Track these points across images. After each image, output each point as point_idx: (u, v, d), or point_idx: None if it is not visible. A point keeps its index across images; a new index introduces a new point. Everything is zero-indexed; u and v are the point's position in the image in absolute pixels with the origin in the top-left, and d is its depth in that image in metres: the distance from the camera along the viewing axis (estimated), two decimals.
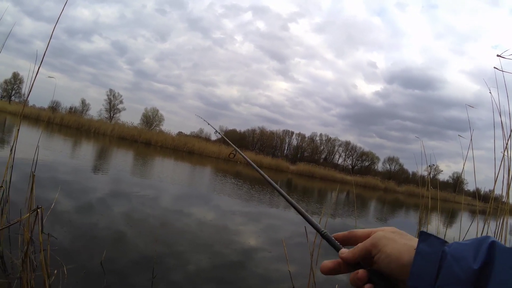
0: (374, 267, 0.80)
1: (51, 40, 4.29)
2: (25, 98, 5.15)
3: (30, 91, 4.55)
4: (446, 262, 0.69)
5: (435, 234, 0.74)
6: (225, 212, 11.11)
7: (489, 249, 0.67)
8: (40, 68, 4.36)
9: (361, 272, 0.80)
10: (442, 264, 0.69)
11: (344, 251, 0.86)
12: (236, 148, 2.29)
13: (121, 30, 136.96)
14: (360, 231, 0.89)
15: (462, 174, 4.55)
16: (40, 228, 3.20)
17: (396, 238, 0.79)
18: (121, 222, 7.40)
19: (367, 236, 0.85)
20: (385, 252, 0.77)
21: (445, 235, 4.87)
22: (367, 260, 0.82)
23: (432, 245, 0.72)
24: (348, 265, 0.85)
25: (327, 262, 0.87)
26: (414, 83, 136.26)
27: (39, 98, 57.02)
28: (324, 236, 0.94)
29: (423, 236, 0.74)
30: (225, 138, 2.76)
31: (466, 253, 0.68)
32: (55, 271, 3.65)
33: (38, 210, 3.19)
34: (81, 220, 6.83)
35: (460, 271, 0.66)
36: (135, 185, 12.90)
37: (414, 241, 0.76)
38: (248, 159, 1.89)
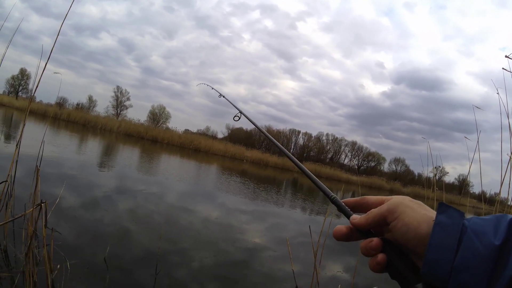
0: (386, 235, 0.77)
1: (58, 36, 4.29)
2: (32, 94, 5.15)
3: (37, 87, 4.56)
4: (466, 236, 0.66)
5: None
6: (230, 210, 11.11)
7: (509, 225, 0.64)
8: (48, 64, 4.37)
9: (375, 240, 0.75)
10: (462, 238, 0.66)
11: (356, 217, 0.82)
12: (240, 110, 2.25)
13: (128, 27, 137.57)
14: (372, 197, 0.85)
15: (468, 177, 4.52)
16: (43, 223, 3.21)
17: (414, 206, 0.74)
18: (126, 218, 7.42)
19: (379, 202, 0.80)
20: (403, 220, 0.72)
21: None
22: (380, 228, 0.79)
23: (451, 216, 0.69)
24: (359, 232, 0.81)
25: (341, 227, 0.83)
26: (422, 84, 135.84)
27: (46, 94, 57.15)
28: (333, 201, 0.90)
29: (443, 207, 0.70)
30: (227, 99, 2.71)
31: (487, 228, 0.65)
32: (58, 266, 3.66)
33: (42, 204, 3.19)
34: (86, 216, 6.85)
35: (481, 246, 0.64)
36: (141, 182, 12.92)
37: (433, 212, 0.72)
38: (254, 122, 1.86)
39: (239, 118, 2.24)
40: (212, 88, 3.37)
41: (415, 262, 0.72)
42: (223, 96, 2.89)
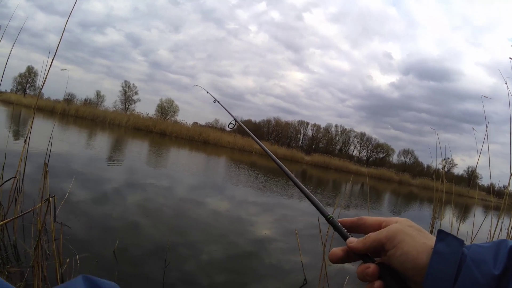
0: (384, 259, 0.75)
1: (64, 33, 4.30)
2: (39, 91, 5.19)
3: (43, 83, 4.58)
4: (465, 265, 0.64)
5: (453, 234, 0.69)
6: (239, 202, 11.13)
7: (509, 254, 0.63)
8: (54, 61, 4.39)
9: (373, 267, 0.73)
10: (461, 267, 0.64)
11: (353, 240, 0.80)
12: (235, 117, 2.25)
13: (134, 22, 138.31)
14: (370, 218, 0.82)
15: (476, 169, 4.49)
16: (52, 217, 3.23)
17: (414, 234, 0.72)
18: (135, 212, 7.45)
19: (377, 225, 0.80)
20: (402, 249, 0.70)
21: (458, 230, 4.84)
22: (376, 252, 0.77)
23: (450, 245, 0.67)
24: (355, 255, 0.78)
25: (336, 250, 0.81)
26: (430, 74, 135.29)
27: (54, 91, 57.40)
28: (330, 221, 0.88)
29: (442, 235, 0.69)
30: (222, 105, 2.70)
31: (487, 257, 0.64)
32: (68, 260, 3.69)
33: (51, 199, 3.22)
34: (95, 210, 6.89)
35: (480, 276, 0.62)
36: (150, 175, 12.98)
37: (432, 240, 0.70)
38: (248, 130, 1.85)
39: (234, 126, 2.25)
40: (207, 92, 3.38)
41: None
42: (218, 102, 2.88)
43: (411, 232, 0.72)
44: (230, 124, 2.26)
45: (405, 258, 0.69)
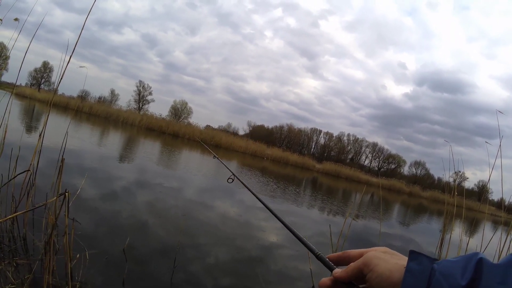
0: (366, 285, 0.83)
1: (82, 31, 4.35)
2: (56, 87, 5.23)
3: (60, 80, 4.63)
4: (435, 279, 0.71)
5: (425, 253, 0.77)
6: (248, 207, 11.11)
7: (477, 266, 0.69)
8: (71, 58, 4.43)
9: None
10: (431, 281, 0.71)
11: (338, 270, 0.89)
12: (233, 172, 2.34)
13: (151, 23, 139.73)
14: (353, 251, 0.92)
15: (488, 183, 4.45)
16: (66, 212, 3.25)
17: (387, 258, 0.81)
18: (145, 211, 7.48)
19: (359, 256, 0.87)
20: (376, 271, 0.79)
21: (468, 244, 4.79)
22: (359, 279, 0.84)
23: (421, 263, 0.75)
24: (342, 284, 0.87)
25: (325, 280, 0.90)
26: (444, 86, 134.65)
27: (68, 87, 58.07)
28: (318, 257, 0.98)
29: (413, 255, 0.77)
30: (221, 160, 2.82)
31: (454, 270, 0.71)
32: (77, 255, 3.71)
33: (66, 194, 3.24)
34: (106, 207, 6.93)
35: (448, 287, 0.69)
36: (161, 175, 13.03)
37: (404, 260, 0.78)
38: (246, 185, 1.89)
39: (233, 181, 2.34)
40: (206, 147, 3.48)
41: None
42: (217, 158, 2.99)
43: (383, 256, 0.82)
44: (229, 178, 2.40)
45: (380, 279, 0.78)
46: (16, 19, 4.61)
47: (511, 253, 0.72)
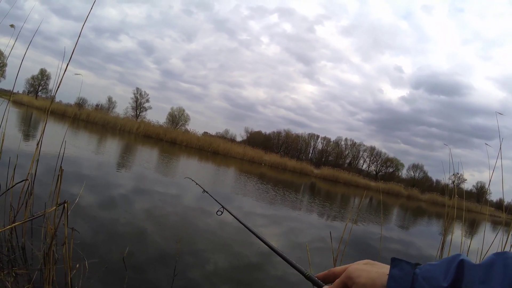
0: None
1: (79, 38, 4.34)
2: (53, 94, 5.21)
3: (58, 87, 4.61)
4: (417, 283, 0.75)
5: (406, 260, 0.81)
6: (247, 213, 11.09)
7: (458, 267, 0.73)
8: (68, 65, 4.42)
9: None
10: (414, 285, 0.76)
11: (326, 287, 0.95)
12: (222, 205, 2.37)
13: (148, 30, 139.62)
14: (338, 268, 0.95)
15: (489, 184, 4.45)
16: (65, 222, 3.24)
17: (368, 268, 0.85)
18: (144, 218, 7.47)
19: (343, 271, 0.91)
20: (359, 282, 0.83)
21: (469, 246, 4.78)
22: None
23: (403, 269, 0.79)
24: None
25: None
26: (440, 88, 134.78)
27: (65, 95, 58.22)
28: (307, 277, 1.06)
29: (395, 262, 0.81)
30: (210, 195, 2.94)
31: (436, 273, 0.75)
32: (77, 265, 3.69)
33: (65, 205, 3.22)
34: (104, 215, 6.91)
35: None
36: (159, 182, 13.02)
37: (386, 269, 0.83)
38: (237, 217, 1.95)
39: (222, 213, 2.48)
40: (196, 184, 3.51)
41: None
42: (207, 192, 3.08)
43: (365, 267, 0.86)
44: (218, 211, 2.54)
45: None
46: (12, 26, 4.60)
47: (492, 254, 0.74)
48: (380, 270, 0.83)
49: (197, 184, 3.56)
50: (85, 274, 3.80)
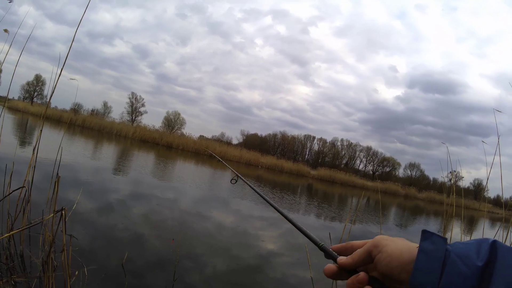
0: (372, 273, 0.81)
1: (73, 43, 4.33)
2: (48, 100, 5.20)
3: (52, 93, 4.60)
4: (450, 260, 0.71)
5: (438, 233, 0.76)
6: (244, 216, 11.09)
7: (491, 248, 0.70)
8: (63, 70, 4.40)
9: (362, 274, 0.80)
10: (446, 262, 0.71)
11: (342, 258, 0.87)
12: (237, 173, 2.33)
13: (142, 34, 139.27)
14: (357, 242, 0.90)
15: (487, 181, 4.45)
16: (64, 229, 3.22)
17: (395, 239, 0.81)
18: (142, 224, 7.45)
19: (363, 245, 0.85)
20: (386, 251, 0.78)
21: None
22: (365, 266, 0.83)
23: (435, 242, 0.74)
24: (347, 272, 0.85)
25: (331, 265, 0.88)
26: (435, 87, 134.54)
27: (61, 100, 57.81)
28: (321, 248, 0.95)
29: (426, 235, 0.76)
30: (223, 162, 2.81)
31: (470, 252, 0.71)
32: (76, 272, 3.67)
33: (63, 212, 3.20)
34: (102, 221, 6.90)
35: (465, 268, 0.68)
36: (156, 187, 12.99)
37: (413, 244, 0.78)
38: (250, 184, 1.89)
39: (236, 181, 2.33)
40: (213, 155, 3.50)
41: None
42: (222, 161, 3.01)
43: (392, 238, 0.82)
44: (232, 179, 2.38)
45: (390, 259, 0.77)
46: (5, 30, 4.57)
47: None
48: (409, 243, 0.79)
49: (213, 155, 3.49)
50: (84, 281, 3.78)
